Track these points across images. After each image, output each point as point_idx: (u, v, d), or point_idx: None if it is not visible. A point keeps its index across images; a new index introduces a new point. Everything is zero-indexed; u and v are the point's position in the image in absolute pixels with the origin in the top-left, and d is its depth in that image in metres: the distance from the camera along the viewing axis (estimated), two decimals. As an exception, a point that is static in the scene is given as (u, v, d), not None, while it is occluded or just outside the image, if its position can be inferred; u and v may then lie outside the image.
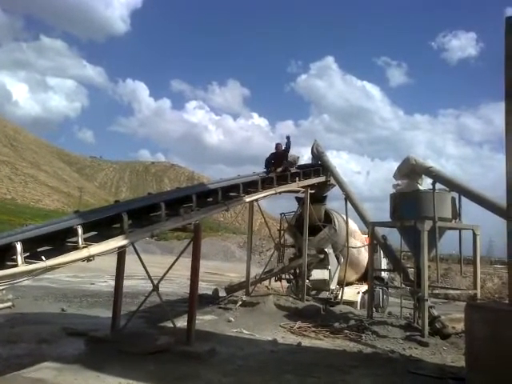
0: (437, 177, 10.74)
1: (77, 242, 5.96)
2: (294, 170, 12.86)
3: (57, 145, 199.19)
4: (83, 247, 5.96)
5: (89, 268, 13.32)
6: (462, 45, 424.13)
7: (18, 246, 5.25)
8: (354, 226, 15.42)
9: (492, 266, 38.92)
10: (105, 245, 6.35)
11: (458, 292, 16.19)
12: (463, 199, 10.67)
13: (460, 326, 9.70)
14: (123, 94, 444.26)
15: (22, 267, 5.22)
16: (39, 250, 5.91)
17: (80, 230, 5.99)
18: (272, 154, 12.83)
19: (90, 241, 6.22)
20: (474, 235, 10.77)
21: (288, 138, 12.87)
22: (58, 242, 6.13)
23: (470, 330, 6.72)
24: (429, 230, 10.00)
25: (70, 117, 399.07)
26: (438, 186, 10.61)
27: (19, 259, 5.22)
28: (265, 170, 12.36)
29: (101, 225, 6.86)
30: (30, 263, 5.35)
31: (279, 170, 12.38)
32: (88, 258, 6.05)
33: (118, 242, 6.58)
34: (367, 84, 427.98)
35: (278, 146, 12.99)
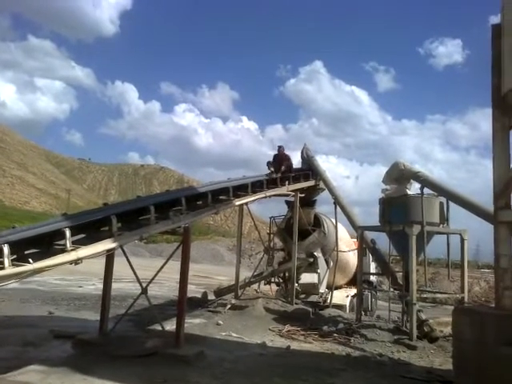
0: (425, 182, 10.84)
1: (65, 244, 5.91)
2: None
3: (45, 146, 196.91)
4: (71, 250, 5.92)
5: (77, 271, 13.23)
6: (449, 51, 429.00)
7: (5, 249, 5.19)
8: (342, 230, 15.45)
9: (479, 271, 39.20)
10: (93, 248, 6.30)
11: (446, 296, 16.24)
12: (451, 204, 10.77)
13: (447, 330, 9.75)
14: (112, 96, 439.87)
15: (9, 270, 5.16)
16: (27, 252, 5.85)
17: (68, 233, 5.94)
18: (274, 155, 13.25)
19: (78, 243, 6.19)
20: (462, 240, 10.88)
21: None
22: (45, 244, 6.07)
23: (457, 333, 6.80)
24: (417, 234, 10.09)
25: (58, 118, 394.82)
26: (426, 190, 10.71)
27: (6, 262, 5.16)
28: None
29: (89, 227, 6.81)
30: (18, 266, 5.30)
31: (283, 168, 12.70)
32: (76, 261, 6.00)
33: (106, 244, 6.54)
34: (355, 89, 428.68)
35: (280, 148, 13.32)
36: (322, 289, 14.32)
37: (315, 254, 14.37)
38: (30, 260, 5.44)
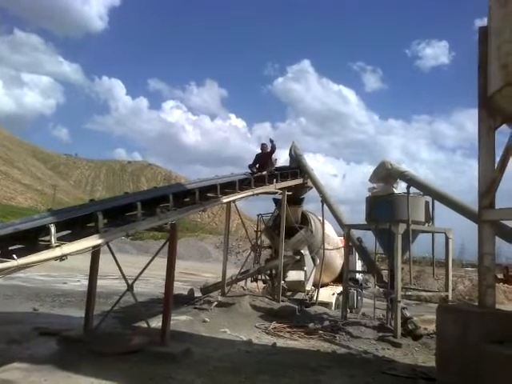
0: (411, 181, 10.91)
1: (50, 240, 5.85)
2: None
3: (31, 142, 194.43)
4: (56, 246, 5.86)
5: (62, 267, 13.11)
6: (435, 53, 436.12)
7: (-11, 244, 5.14)
8: (329, 229, 15.51)
9: (463, 269, 39.74)
10: (78, 244, 6.24)
11: (430, 294, 16.49)
12: (436, 203, 10.86)
13: (432, 327, 9.88)
14: (100, 91, 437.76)
15: (-7, 265, 5.10)
16: (11, 248, 5.79)
17: (53, 229, 5.88)
18: (257, 154, 12.99)
19: (63, 240, 6.12)
20: (447, 238, 10.99)
21: (272, 141, 13.03)
22: (30, 240, 6.01)
23: (440, 331, 6.88)
24: (403, 233, 10.16)
25: (44, 114, 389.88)
26: (413, 190, 10.79)
27: (-10, 257, 5.10)
28: (249, 170, 12.51)
29: (75, 224, 6.75)
30: (1, 261, 5.22)
31: (264, 173, 12.54)
32: (61, 257, 5.94)
33: (91, 241, 6.49)
34: (343, 88, 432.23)
35: (263, 146, 13.15)
36: (309, 286, 14.40)
37: (302, 251, 14.43)
38: (15, 256, 5.36)
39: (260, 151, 13.19)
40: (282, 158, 14.23)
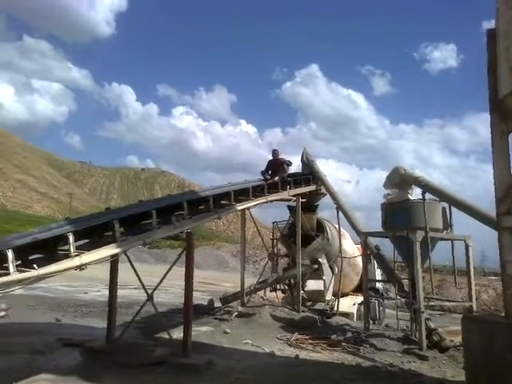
0: (426, 187, 10.66)
1: (68, 250, 5.84)
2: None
3: (44, 149, 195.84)
4: (75, 255, 5.85)
5: (82, 277, 13.17)
6: (444, 56, 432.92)
7: (10, 254, 5.12)
8: (346, 244, 15.21)
9: (486, 278, 38.79)
10: (96, 253, 6.22)
11: (454, 304, 16.09)
12: (453, 209, 10.58)
13: (458, 339, 9.54)
14: (110, 98, 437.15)
15: (14, 275, 5.08)
16: (30, 257, 5.78)
17: (72, 238, 5.87)
18: (269, 161, 12.95)
19: (81, 249, 6.12)
20: (467, 246, 10.70)
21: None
22: (49, 249, 6.00)
23: (467, 343, 6.67)
24: (421, 240, 9.89)
25: (56, 121, 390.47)
26: (428, 196, 10.54)
27: (11, 267, 5.09)
28: (262, 177, 12.43)
29: (92, 232, 6.72)
30: (22, 271, 5.23)
31: (276, 178, 12.42)
32: (80, 267, 5.92)
33: (110, 250, 6.46)
34: (352, 92, 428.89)
35: (274, 152, 13.11)
36: (329, 296, 14.12)
37: (320, 260, 14.20)
38: (35, 266, 5.36)
39: (272, 157, 13.14)
40: (293, 165, 14.03)
